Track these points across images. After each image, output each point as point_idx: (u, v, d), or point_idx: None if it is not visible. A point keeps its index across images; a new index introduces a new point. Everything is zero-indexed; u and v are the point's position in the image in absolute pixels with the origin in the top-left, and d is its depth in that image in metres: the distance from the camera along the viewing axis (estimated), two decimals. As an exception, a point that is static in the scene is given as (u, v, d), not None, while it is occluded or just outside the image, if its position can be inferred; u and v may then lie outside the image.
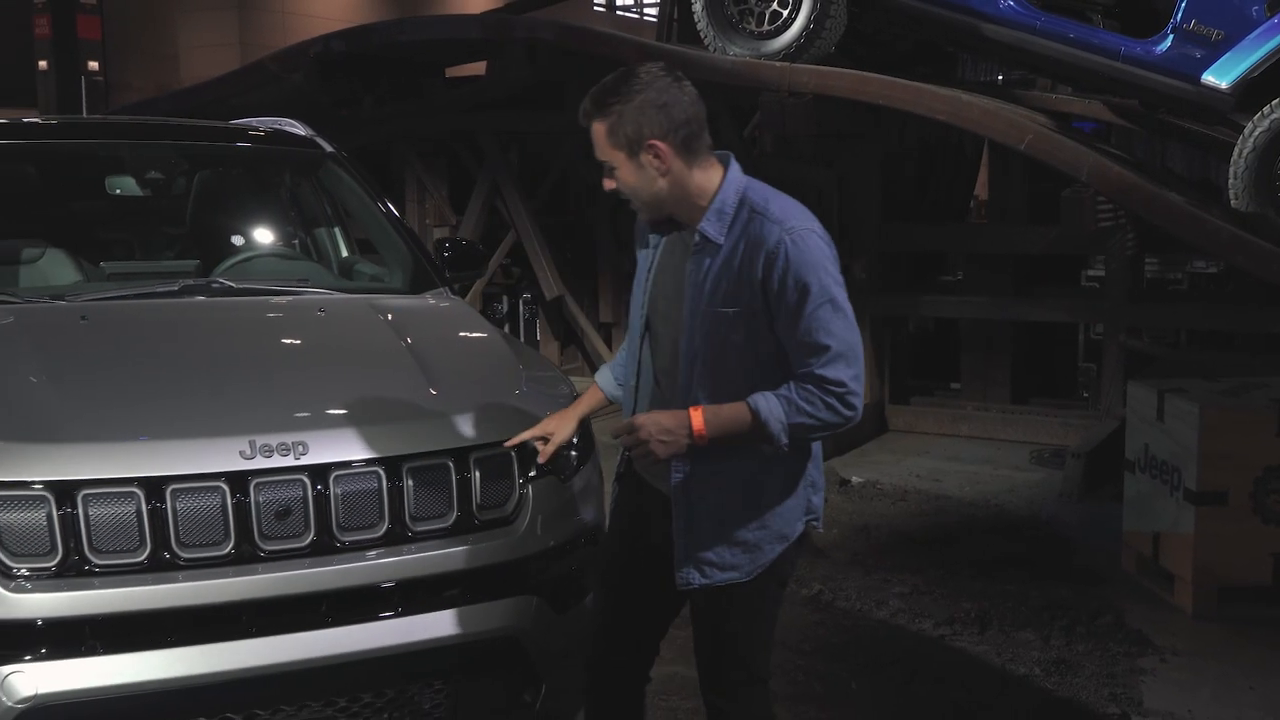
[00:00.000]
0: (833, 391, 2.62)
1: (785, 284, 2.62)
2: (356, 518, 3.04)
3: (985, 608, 5.23)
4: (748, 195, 2.73)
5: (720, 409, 2.64)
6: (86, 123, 5.77)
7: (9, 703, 2.73)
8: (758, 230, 2.67)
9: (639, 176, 2.71)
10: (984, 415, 8.61)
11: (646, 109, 2.65)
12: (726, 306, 2.68)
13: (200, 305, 3.93)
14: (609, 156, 2.72)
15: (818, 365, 2.62)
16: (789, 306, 2.63)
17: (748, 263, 2.66)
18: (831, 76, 7.65)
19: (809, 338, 2.63)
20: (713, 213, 2.71)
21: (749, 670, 2.87)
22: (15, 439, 2.86)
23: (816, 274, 2.63)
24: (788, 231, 2.64)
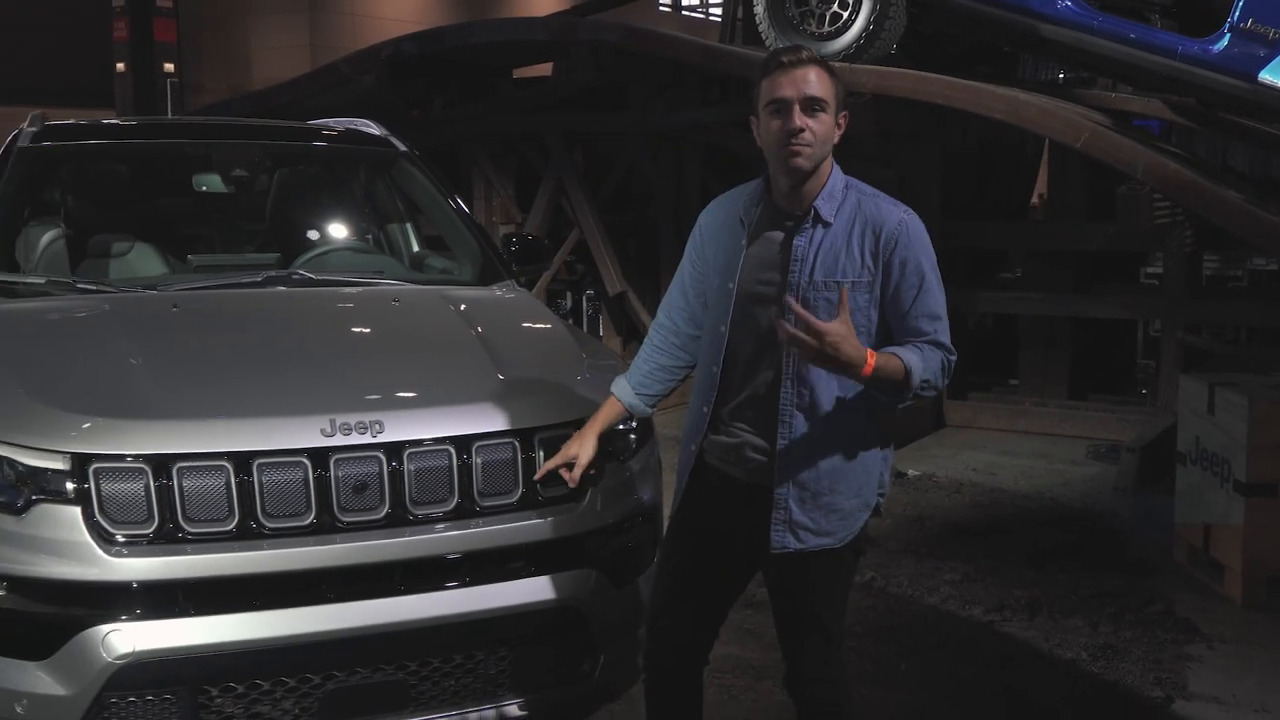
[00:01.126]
0: (948, 357, 2.90)
1: (907, 260, 2.88)
2: (428, 492, 3.22)
3: (1035, 595, 5.34)
4: (850, 182, 2.98)
5: (888, 359, 2.80)
6: (175, 123, 6.03)
7: (109, 658, 2.92)
8: (874, 210, 2.91)
9: (831, 130, 2.91)
10: (1041, 411, 8.67)
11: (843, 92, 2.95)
12: (843, 278, 2.87)
13: (282, 295, 4.15)
14: (829, 99, 2.88)
15: (937, 333, 2.89)
16: (909, 280, 2.88)
17: (862, 239, 2.89)
18: (891, 76, 7.76)
19: (927, 308, 2.89)
20: (826, 193, 2.92)
21: (827, 635, 3.02)
22: (117, 416, 3.08)
23: (928, 252, 2.92)
24: (906, 213, 2.92)
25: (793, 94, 2.86)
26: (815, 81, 2.86)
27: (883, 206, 2.92)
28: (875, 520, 3.12)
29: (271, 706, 3.10)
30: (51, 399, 3.15)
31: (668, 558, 3.23)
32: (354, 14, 29.74)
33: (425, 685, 3.23)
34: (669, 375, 3.24)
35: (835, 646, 3.05)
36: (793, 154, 2.87)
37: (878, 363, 2.77)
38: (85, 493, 2.97)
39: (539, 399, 3.45)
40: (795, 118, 2.85)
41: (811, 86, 2.86)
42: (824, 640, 3.03)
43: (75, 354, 3.48)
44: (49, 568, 2.95)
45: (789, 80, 2.87)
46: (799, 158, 2.87)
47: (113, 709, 2.98)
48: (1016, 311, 8.93)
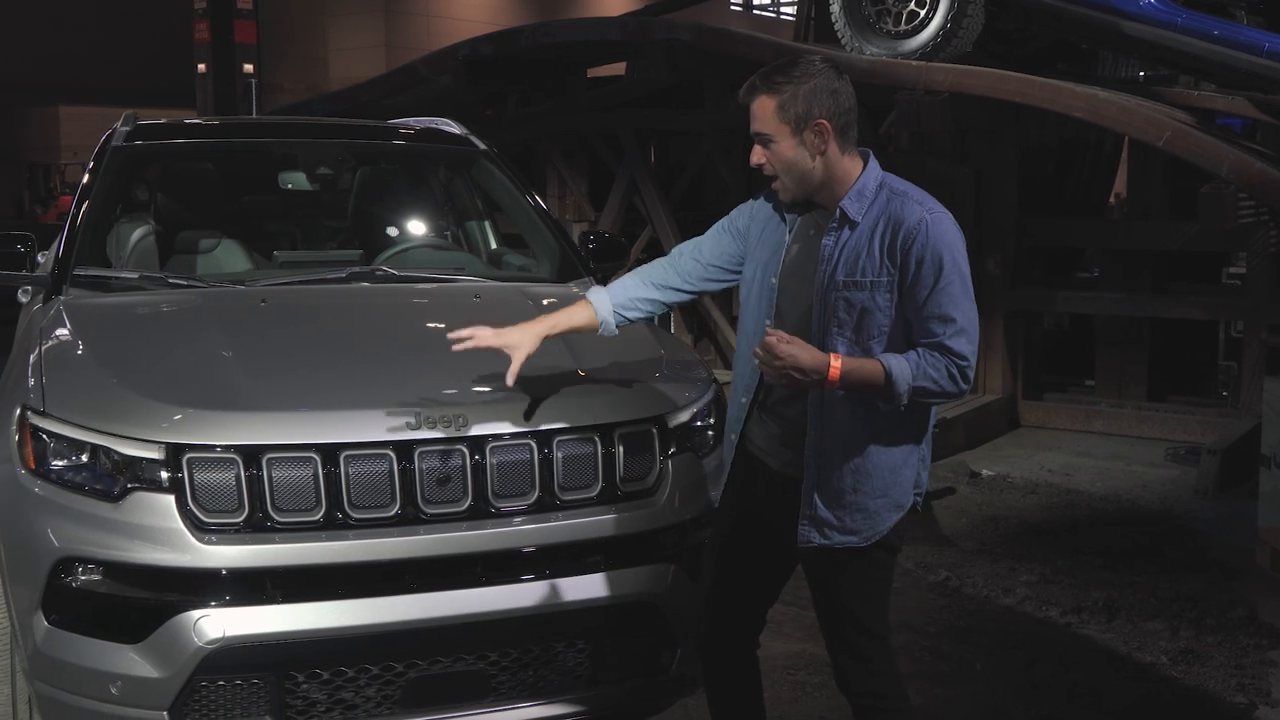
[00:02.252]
0: (955, 363, 2.83)
1: (923, 258, 2.82)
2: (510, 486, 3.26)
3: (1113, 598, 5.29)
4: (886, 181, 2.95)
5: (859, 364, 2.82)
6: (260, 122, 6.15)
7: (199, 643, 2.99)
8: (898, 209, 2.88)
9: (797, 153, 2.90)
10: (1118, 412, 8.58)
11: (819, 92, 2.87)
12: (863, 277, 2.87)
13: (367, 290, 4.22)
14: (773, 130, 2.90)
15: (945, 336, 2.83)
16: (923, 279, 2.83)
17: (885, 238, 2.86)
18: (968, 75, 7.71)
19: (940, 310, 2.83)
20: (854, 194, 2.91)
21: (866, 628, 3.03)
22: (209, 407, 3.15)
23: (951, 253, 2.84)
24: (928, 211, 2.87)
25: (751, 131, 2.96)
26: (756, 115, 2.93)
27: (908, 205, 2.89)
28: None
29: (355, 693, 3.15)
30: (146, 390, 3.23)
31: (715, 542, 3.27)
32: (428, 15, 30.05)
33: (505, 676, 3.28)
34: (650, 308, 3.30)
35: (876, 641, 3.06)
36: (774, 186, 3.00)
37: (845, 367, 2.80)
38: (179, 481, 3.05)
39: (619, 395, 3.48)
40: (753, 154, 2.98)
41: (754, 121, 2.94)
42: (863, 636, 3.04)
43: (168, 347, 3.58)
44: (144, 554, 3.02)
45: (750, 118, 2.96)
46: (779, 190, 2.99)
47: (203, 692, 3.05)
48: (1094, 312, 8.84)
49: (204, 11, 20.41)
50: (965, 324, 2.84)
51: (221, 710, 3.08)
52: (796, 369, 2.79)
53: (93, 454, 3.12)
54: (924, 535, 6.19)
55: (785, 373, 2.80)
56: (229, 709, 3.08)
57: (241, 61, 20.45)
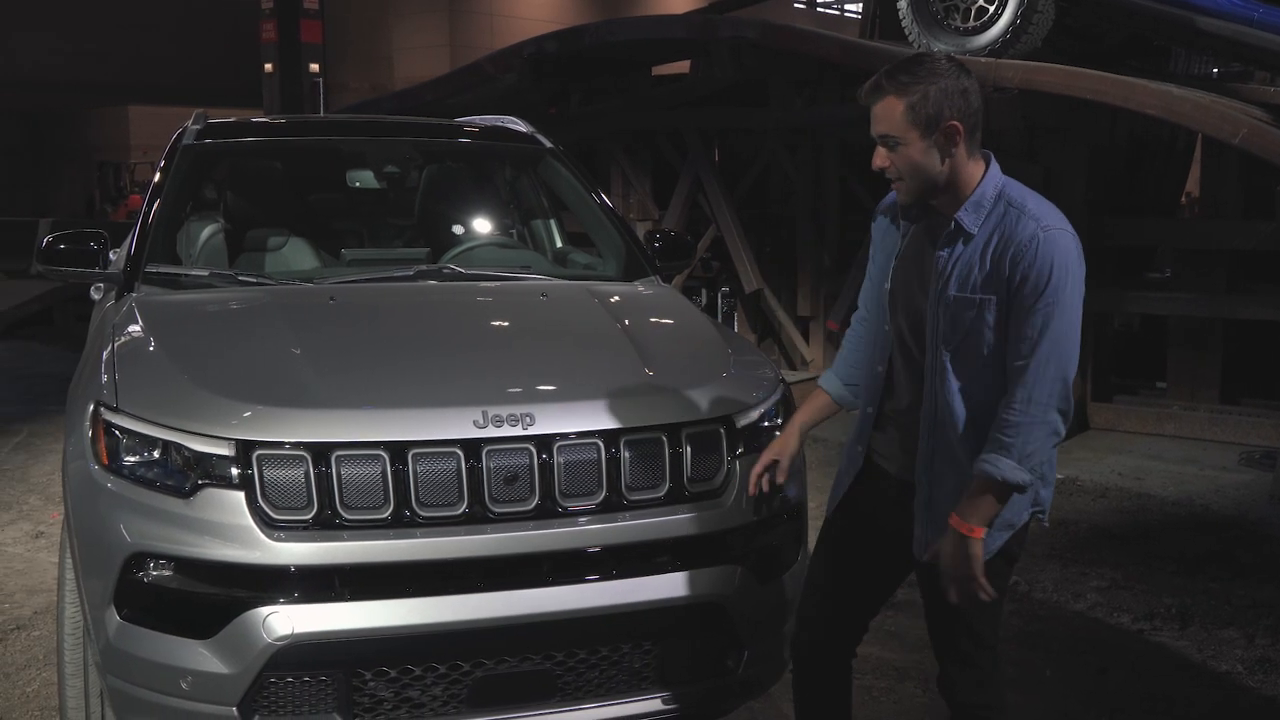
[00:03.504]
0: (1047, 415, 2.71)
1: (1028, 277, 2.71)
2: (577, 485, 3.24)
3: (1186, 604, 5.19)
4: (1005, 191, 2.83)
5: (974, 497, 2.75)
6: (328, 121, 6.18)
7: (269, 640, 3.00)
8: (1013, 223, 2.77)
9: (926, 156, 2.79)
10: (1190, 415, 8.42)
11: (950, 93, 2.76)
12: (973, 294, 2.78)
13: (434, 289, 4.23)
14: (901, 132, 2.79)
15: (1028, 374, 2.70)
16: (1025, 299, 2.72)
17: (999, 253, 2.76)
18: (1039, 71, 7.61)
19: (1031, 332, 2.72)
20: (971, 204, 2.82)
21: (977, 639, 2.99)
22: (279, 404, 3.16)
23: (1060, 273, 2.70)
24: (1043, 229, 2.74)
25: (873, 133, 2.85)
26: (881, 117, 2.82)
27: (1023, 220, 2.76)
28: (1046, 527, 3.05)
29: (422, 691, 3.14)
30: (217, 387, 3.24)
31: (823, 552, 3.22)
32: (492, 14, 30.20)
33: (571, 676, 3.25)
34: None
35: (986, 651, 3.01)
36: (894, 188, 2.90)
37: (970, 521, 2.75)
38: (249, 478, 3.05)
39: (686, 394, 3.45)
40: (876, 157, 2.87)
41: (879, 124, 2.83)
42: (975, 646, 2.99)
43: (238, 344, 3.60)
44: (214, 550, 3.04)
45: (871, 120, 2.85)
46: (898, 191, 2.89)
47: (271, 688, 3.05)
48: (1166, 312, 8.68)
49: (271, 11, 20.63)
50: (1050, 352, 2.70)
51: (290, 706, 3.08)
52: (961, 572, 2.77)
53: (164, 450, 3.14)
54: (992, 538, 6.11)
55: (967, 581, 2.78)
56: (297, 705, 3.08)
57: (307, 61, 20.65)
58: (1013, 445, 2.71)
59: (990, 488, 2.74)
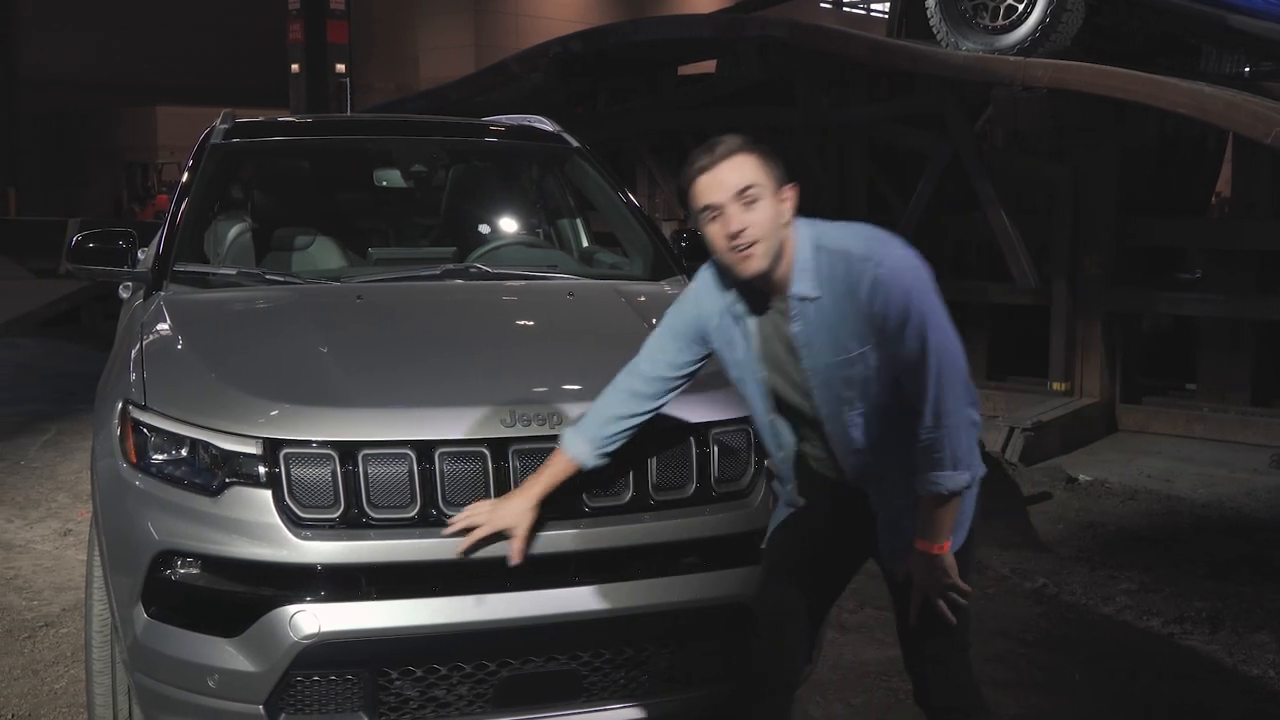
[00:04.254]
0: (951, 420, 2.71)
1: (889, 317, 2.69)
2: (603, 485, 3.22)
3: (1217, 608, 5.14)
4: (821, 245, 2.79)
5: (930, 516, 2.79)
6: (355, 120, 6.20)
7: (295, 638, 2.99)
8: (846, 273, 2.73)
9: (775, 217, 2.76)
10: (1221, 417, 8.35)
11: (778, 160, 2.78)
12: (850, 353, 2.77)
13: (461, 288, 4.22)
14: (762, 180, 2.75)
15: (927, 393, 2.70)
16: (896, 336, 2.70)
17: (850, 307, 2.74)
18: (1068, 70, 7.57)
19: (915, 357, 2.70)
20: (799, 270, 2.78)
21: (950, 639, 2.96)
22: (306, 402, 3.16)
23: (914, 299, 2.69)
24: (876, 267, 2.70)
25: (722, 196, 2.75)
26: (739, 171, 2.75)
27: (852, 265, 2.72)
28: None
29: (447, 691, 3.14)
30: (244, 385, 3.24)
31: (773, 557, 3.18)
32: (517, 14, 30.28)
33: (596, 676, 3.24)
34: (630, 434, 3.10)
35: (957, 650, 2.98)
36: (743, 259, 2.77)
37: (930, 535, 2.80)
38: (276, 477, 3.05)
39: (713, 394, 3.42)
40: (732, 220, 2.74)
41: (737, 178, 2.74)
42: (947, 645, 2.97)
43: (265, 342, 3.60)
44: (241, 548, 3.04)
45: (713, 183, 2.76)
46: (750, 260, 2.76)
47: (298, 687, 3.05)
48: (1196, 313, 8.61)
49: (297, 12, 20.71)
50: (937, 362, 2.69)
51: (316, 705, 3.08)
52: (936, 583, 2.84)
53: (192, 448, 3.14)
54: (1021, 541, 6.08)
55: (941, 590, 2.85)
56: (324, 704, 3.08)
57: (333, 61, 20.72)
58: (943, 458, 2.72)
59: (940, 503, 2.77)
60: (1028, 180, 9.10)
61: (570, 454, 3.06)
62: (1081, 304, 8.55)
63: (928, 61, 8.29)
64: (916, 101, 9.18)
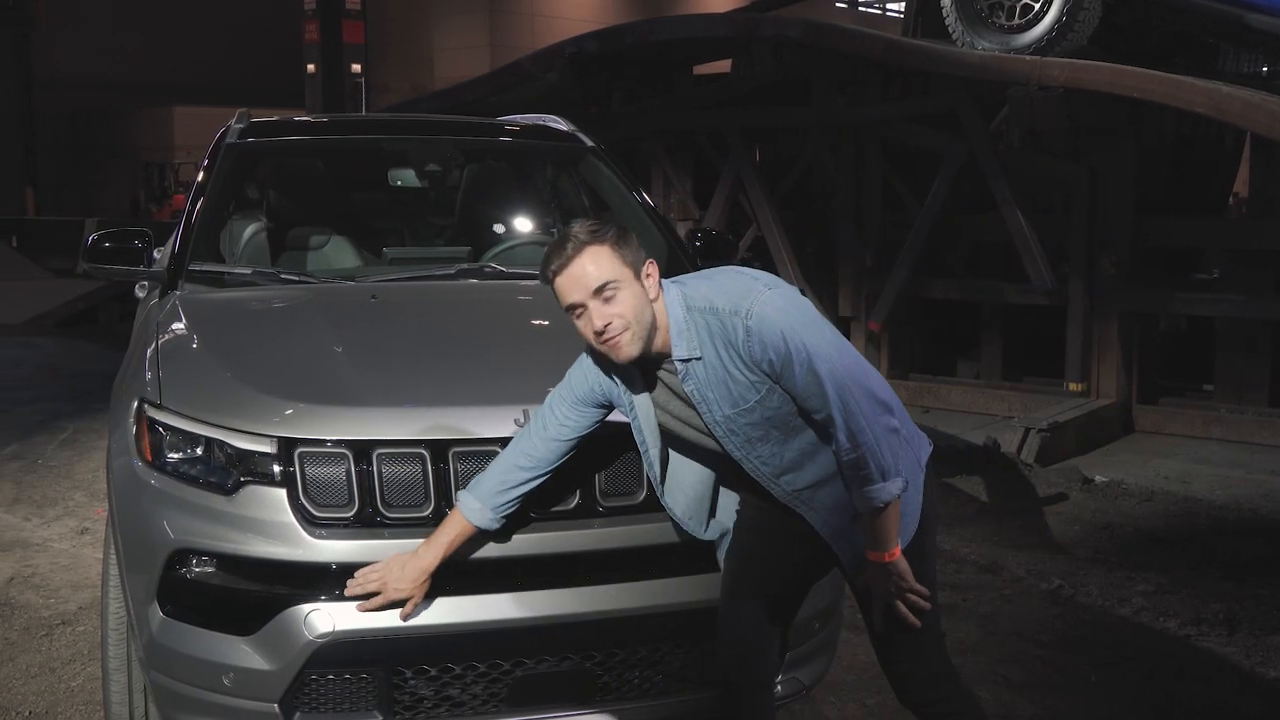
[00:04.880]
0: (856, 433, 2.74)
1: (773, 359, 2.75)
2: (617, 484, 3.23)
3: (1234, 610, 5.11)
4: (690, 305, 2.84)
5: (873, 527, 2.82)
6: (370, 120, 6.21)
7: (310, 636, 3.00)
8: (719, 328, 2.79)
9: (640, 300, 2.81)
10: (1238, 418, 8.30)
11: (631, 237, 2.85)
12: (743, 403, 2.83)
13: (475, 287, 4.23)
14: (618, 275, 2.79)
15: (834, 416, 2.74)
16: (785, 374, 2.76)
17: (731, 359, 2.79)
18: (1085, 69, 7.54)
19: (810, 389, 2.75)
20: (675, 337, 2.84)
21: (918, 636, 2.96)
22: (321, 401, 3.16)
23: (790, 336, 2.73)
24: (746, 317, 2.75)
25: (581, 295, 2.80)
26: (594, 269, 2.78)
27: (724, 321, 2.78)
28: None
29: (462, 690, 3.14)
30: (259, 384, 3.25)
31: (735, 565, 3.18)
32: (532, 14, 30.28)
33: (610, 676, 3.24)
34: (530, 486, 3.07)
35: (932, 639, 2.99)
36: (614, 348, 2.83)
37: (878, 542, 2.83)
38: (290, 475, 3.06)
39: (727, 394, 3.42)
40: (595, 317, 2.80)
41: (592, 276, 2.78)
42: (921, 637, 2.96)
43: (280, 341, 3.61)
44: (256, 547, 3.04)
45: (570, 283, 2.81)
46: (621, 348, 2.83)
47: (313, 685, 3.06)
48: (1213, 313, 8.57)
49: (313, 12, 20.76)
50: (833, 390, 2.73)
51: (331, 704, 3.08)
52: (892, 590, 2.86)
53: (207, 447, 3.15)
54: (1036, 542, 6.06)
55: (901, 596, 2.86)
56: (338, 703, 3.09)
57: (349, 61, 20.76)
58: (870, 473, 2.76)
59: (879, 513, 2.80)
60: (1044, 180, 9.07)
61: (471, 520, 3.03)
62: (1098, 304, 8.52)
63: (943, 61, 8.27)
64: (932, 101, 9.16)
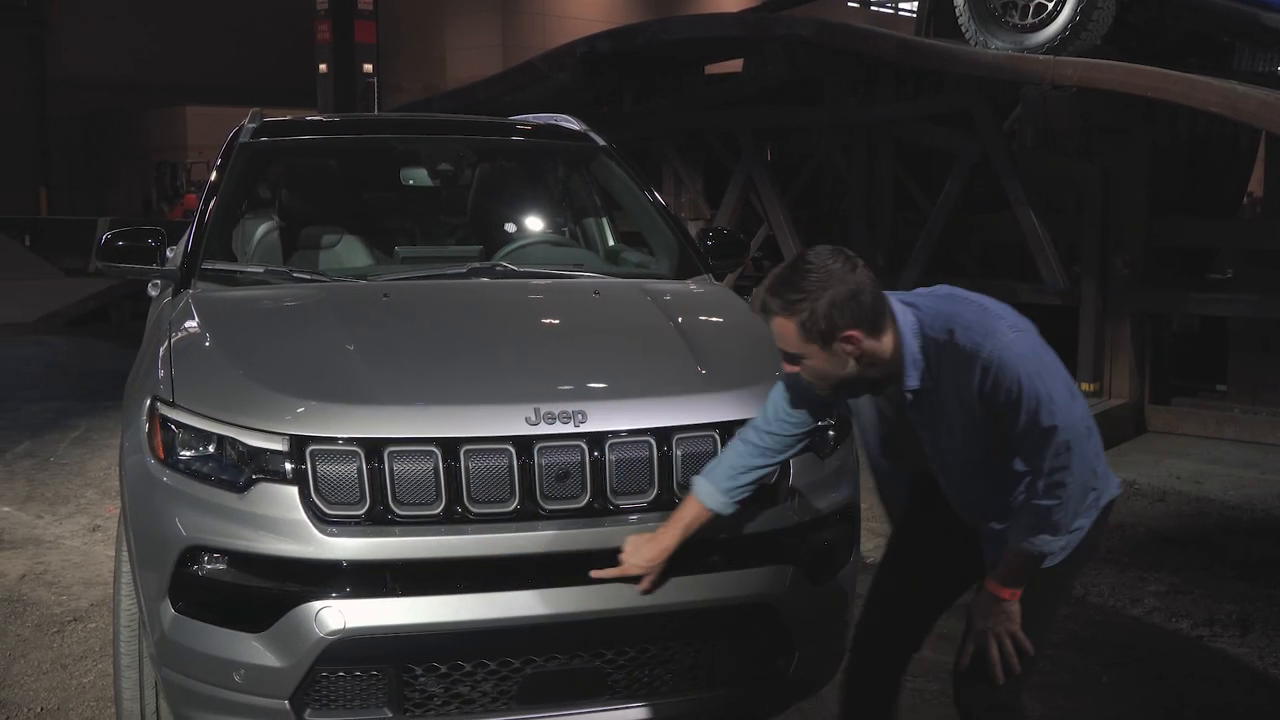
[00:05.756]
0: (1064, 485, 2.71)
1: (1003, 403, 2.71)
2: (628, 483, 3.22)
3: (1247, 610, 5.10)
4: (926, 334, 2.79)
5: (1012, 562, 2.82)
6: (382, 119, 6.21)
7: (320, 634, 3.01)
8: (954, 361, 2.75)
9: (831, 364, 2.78)
10: (1252, 418, 8.27)
11: (839, 303, 2.69)
12: (970, 439, 2.84)
13: (487, 286, 4.23)
14: (800, 349, 2.77)
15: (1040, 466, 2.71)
16: (1009, 418, 2.72)
17: (965, 394, 2.76)
18: (1098, 69, 7.51)
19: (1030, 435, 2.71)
20: (908, 366, 2.80)
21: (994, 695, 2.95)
22: (333, 400, 3.17)
23: (1025, 383, 2.68)
24: (985, 357, 2.70)
25: (779, 345, 2.85)
26: (779, 335, 2.80)
27: (961, 355, 2.73)
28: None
29: (471, 688, 3.14)
30: (271, 383, 3.26)
31: (893, 557, 3.24)
32: (545, 14, 30.31)
33: (621, 675, 3.24)
34: (762, 473, 3.17)
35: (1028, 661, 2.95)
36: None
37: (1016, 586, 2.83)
38: (302, 473, 3.07)
39: (739, 392, 3.42)
40: (788, 367, 2.88)
41: (778, 340, 2.82)
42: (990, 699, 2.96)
43: (292, 340, 3.62)
44: (267, 544, 3.05)
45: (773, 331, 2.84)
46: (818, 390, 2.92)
47: (323, 682, 3.07)
48: (1227, 313, 8.53)
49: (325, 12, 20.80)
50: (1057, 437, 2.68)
51: (341, 701, 3.09)
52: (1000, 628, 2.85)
53: (219, 445, 3.16)
54: (1047, 541, 6.04)
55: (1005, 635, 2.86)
56: (348, 699, 3.09)
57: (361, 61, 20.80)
58: (1047, 524, 2.75)
59: (1031, 560, 2.80)
60: (1057, 180, 9.05)
61: (706, 504, 3.13)
62: (1111, 304, 8.49)
63: (956, 60, 8.26)
64: (945, 100, 9.14)
